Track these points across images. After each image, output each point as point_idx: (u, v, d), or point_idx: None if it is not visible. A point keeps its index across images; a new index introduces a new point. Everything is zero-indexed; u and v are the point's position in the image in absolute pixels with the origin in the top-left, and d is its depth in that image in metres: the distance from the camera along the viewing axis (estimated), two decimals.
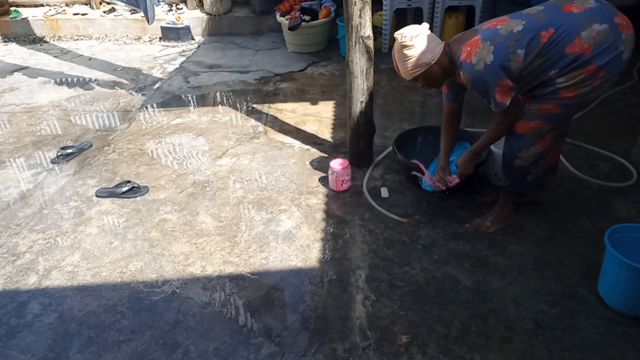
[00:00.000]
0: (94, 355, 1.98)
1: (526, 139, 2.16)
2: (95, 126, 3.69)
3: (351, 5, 2.55)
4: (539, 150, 2.18)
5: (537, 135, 2.14)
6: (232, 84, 4.25)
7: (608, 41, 1.92)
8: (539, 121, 2.10)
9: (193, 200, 2.82)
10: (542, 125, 2.11)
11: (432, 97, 3.81)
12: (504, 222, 2.46)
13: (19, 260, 2.47)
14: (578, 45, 1.92)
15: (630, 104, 3.53)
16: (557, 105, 2.04)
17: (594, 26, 1.92)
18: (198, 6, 5.58)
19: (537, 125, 2.11)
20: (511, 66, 1.99)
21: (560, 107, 2.04)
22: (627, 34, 1.94)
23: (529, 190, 2.37)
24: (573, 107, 2.06)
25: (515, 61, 1.98)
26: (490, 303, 2.09)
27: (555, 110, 2.06)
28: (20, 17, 5.58)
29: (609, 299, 2.02)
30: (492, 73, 2.00)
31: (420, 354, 1.89)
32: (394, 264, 2.31)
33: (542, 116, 2.08)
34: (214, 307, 2.15)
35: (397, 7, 4.43)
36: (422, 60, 2.12)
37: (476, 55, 2.02)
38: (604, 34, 1.91)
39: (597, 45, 1.91)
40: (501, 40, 1.99)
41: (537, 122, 2.11)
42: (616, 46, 1.93)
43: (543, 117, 2.09)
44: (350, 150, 3.01)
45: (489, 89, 2.04)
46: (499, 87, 2.02)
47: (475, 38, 2.06)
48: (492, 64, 1.99)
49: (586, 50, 1.92)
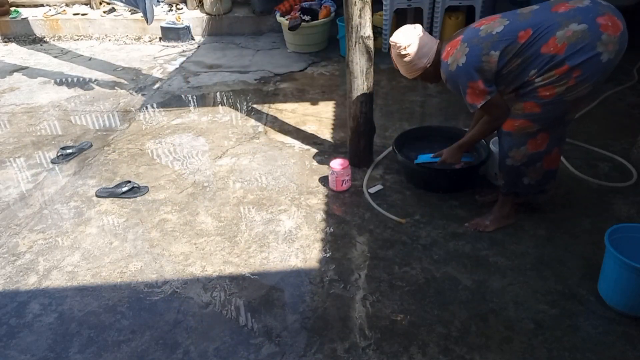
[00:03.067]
0: (94, 355, 1.98)
1: (514, 137, 2.19)
2: (95, 126, 3.69)
3: (351, 5, 2.55)
4: (531, 151, 2.19)
5: (525, 134, 2.16)
6: (232, 84, 4.25)
7: (584, 41, 1.92)
8: (523, 120, 2.13)
9: (193, 200, 2.82)
10: (527, 124, 2.13)
11: (432, 97, 3.82)
12: (504, 222, 2.46)
13: (19, 260, 2.47)
14: (552, 45, 1.95)
15: (630, 104, 3.53)
16: (536, 104, 2.07)
17: (571, 26, 1.93)
18: (198, 6, 5.58)
19: (522, 124, 2.14)
20: (484, 67, 2.07)
21: (539, 106, 2.07)
22: (610, 34, 1.91)
23: (527, 193, 2.37)
24: (552, 105, 2.06)
25: (488, 62, 2.06)
26: (490, 303, 2.09)
27: (536, 110, 2.09)
28: (20, 17, 5.59)
29: (609, 299, 2.02)
30: (463, 75, 2.11)
31: (420, 354, 1.89)
32: (394, 264, 2.31)
33: (526, 115, 2.12)
34: (214, 307, 2.15)
35: (397, 7, 4.43)
36: (418, 65, 2.28)
37: (452, 56, 2.14)
38: (579, 34, 1.92)
39: (570, 45, 1.93)
40: (477, 42, 2.08)
41: (521, 121, 2.14)
42: (592, 47, 1.91)
43: (526, 117, 2.12)
44: (350, 150, 3.01)
45: (460, 89, 2.16)
46: (470, 89, 2.12)
47: (458, 38, 2.16)
48: (463, 66, 2.09)
49: (560, 51, 1.94)
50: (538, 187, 2.34)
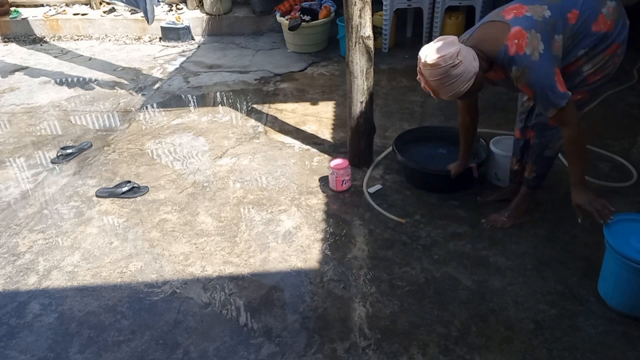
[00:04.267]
0: (94, 355, 1.98)
1: (559, 130, 2.14)
2: (95, 126, 3.69)
3: (351, 5, 2.55)
4: None
5: None
6: (232, 84, 4.25)
7: (622, 16, 1.97)
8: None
9: (193, 200, 2.82)
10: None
11: (432, 97, 3.79)
12: (522, 218, 2.47)
13: (19, 260, 2.47)
14: (602, 22, 1.93)
15: (630, 104, 3.53)
16: (587, 91, 2.08)
17: (608, 2, 1.95)
18: (198, 6, 5.58)
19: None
20: (554, 52, 1.91)
21: (589, 92, 2.09)
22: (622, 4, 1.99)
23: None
24: (600, 88, 2.10)
25: (554, 47, 1.90)
26: (490, 303, 2.09)
27: (586, 97, 2.10)
28: (20, 17, 5.58)
29: (609, 299, 2.02)
30: (549, 61, 1.88)
31: (420, 354, 1.89)
32: (394, 264, 2.31)
33: (575, 105, 2.05)
34: (214, 307, 2.15)
35: (397, 7, 4.43)
36: (472, 71, 1.93)
37: (528, 46, 1.86)
38: (618, 10, 1.96)
39: (615, 21, 1.95)
40: (543, 27, 1.87)
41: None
42: (626, 20, 1.98)
43: (576, 107, 2.06)
44: (350, 150, 3.01)
45: (549, 79, 1.88)
46: (557, 76, 1.89)
47: (515, 30, 1.88)
48: (545, 52, 1.87)
49: (610, 27, 1.94)
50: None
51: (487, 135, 2.91)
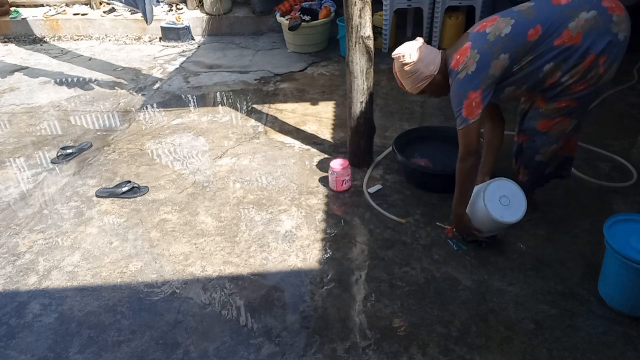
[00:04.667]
0: (94, 355, 1.98)
1: (550, 136, 2.19)
2: (95, 126, 3.69)
3: (351, 5, 2.55)
4: (561, 144, 2.25)
5: (561, 131, 2.17)
6: (232, 84, 4.25)
7: (598, 27, 1.93)
8: (560, 118, 2.13)
9: (193, 200, 2.82)
10: (564, 120, 2.14)
11: (432, 98, 3.80)
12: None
13: (19, 260, 2.47)
14: (566, 37, 1.95)
15: (630, 104, 3.53)
16: (572, 99, 2.07)
17: (582, 15, 1.94)
18: (198, 6, 5.58)
19: (559, 121, 2.14)
20: (490, 72, 2.02)
21: (576, 100, 2.07)
22: (619, 14, 1.94)
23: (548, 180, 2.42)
24: (587, 96, 2.08)
25: (495, 67, 2.02)
26: (490, 303, 2.09)
27: (573, 104, 2.09)
28: (20, 17, 5.58)
29: (609, 299, 2.02)
30: (468, 83, 2.04)
31: (420, 354, 1.89)
32: (394, 264, 2.31)
33: (562, 112, 2.11)
34: (214, 307, 2.15)
35: (397, 7, 4.43)
36: (425, 72, 2.14)
37: (463, 63, 2.05)
38: (592, 21, 1.93)
39: (586, 33, 1.93)
40: (488, 47, 2.02)
41: (558, 119, 2.14)
42: (607, 29, 1.94)
43: (562, 114, 2.11)
44: (350, 150, 3.01)
45: (460, 99, 2.07)
46: (467, 101, 2.05)
47: (466, 45, 2.07)
48: (472, 74, 2.03)
49: (576, 40, 1.94)
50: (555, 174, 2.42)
51: None
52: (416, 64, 2.13)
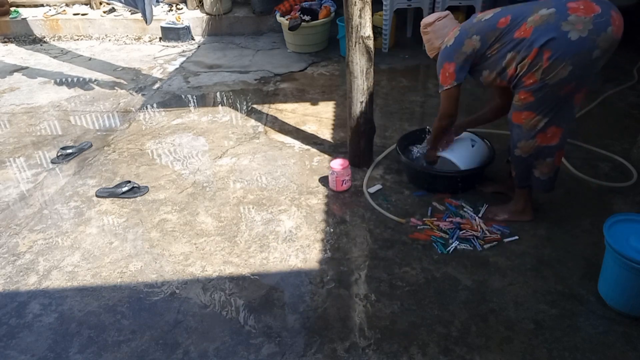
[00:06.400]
0: (94, 355, 1.98)
1: (523, 130, 2.24)
2: (95, 126, 3.69)
3: (351, 5, 2.55)
4: (539, 144, 2.23)
5: (533, 127, 2.20)
6: (232, 84, 4.25)
7: (548, 23, 2.02)
8: (526, 112, 2.19)
9: (193, 200, 2.82)
10: (531, 116, 2.18)
11: (432, 97, 3.81)
12: (516, 217, 2.48)
13: (19, 260, 2.47)
14: (523, 30, 2.09)
15: (630, 104, 3.53)
16: (527, 92, 2.15)
17: (541, 11, 2.06)
18: (198, 6, 5.58)
19: (527, 116, 2.19)
20: (462, 49, 2.25)
21: (530, 93, 2.14)
22: (579, 15, 1.97)
23: (538, 187, 2.39)
24: (540, 92, 2.11)
25: (467, 45, 2.24)
26: (490, 303, 2.09)
27: (530, 99, 2.15)
28: (20, 17, 5.59)
29: (609, 299, 2.02)
30: (445, 55, 2.33)
31: (420, 354, 1.89)
32: (394, 264, 2.31)
33: (525, 106, 2.18)
34: (214, 307, 2.15)
35: (397, 7, 4.43)
36: (435, 44, 2.43)
37: (449, 38, 2.34)
38: (545, 17, 2.04)
39: (535, 28, 2.05)
40: (468, 27, 2.28)
41: (525, 113, 2.19)
42: (556, 27, 2.01)
43: (526, 108, 2.18)
44: (350, 150, 3.01)
45: (440, 66, 2.35)
46: (442, 70, 2.33)
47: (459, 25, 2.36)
48: (449, 47, 2.30)
49: (527, 34, 2.07)
50: (550, 184, 2.37)
51: (487, 135, 2.91)
52: (429, 34, 2.44)
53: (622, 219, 1.99)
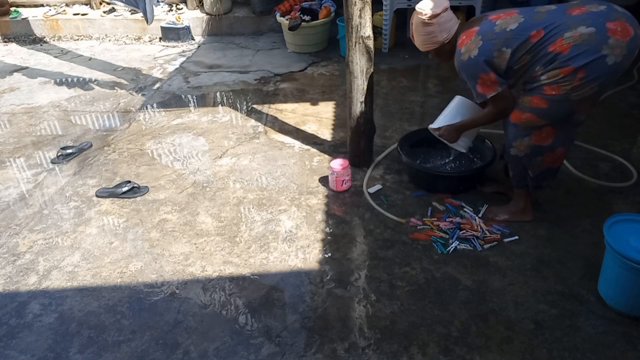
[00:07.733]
0: (94, 355, 1.98)
1: (519, 129, 2.22)
2: (95, 126, 3.69)
3: (351, 5, 2.55)
4: (534, 142, 2.22)
5: (530, 127, 2.19)
6: (232, 84, 4.25)
7: (589, 44, 1.96)
8: (530, 114, 2.16)
9: (193, 201, 2.82)
10: (533, 118, 2.16)
11: (432, 97, 3.81)
12: (517, 217, 2.48)
13: (19, 260, 2.47)
14: (558, 44, 2.01)
15: (630, 104, 3.53)
16: (543, 100, 2.10)
17: (580, 28, 1.98)
18: (198, 6, 5.58)
19: (529, 117, 2.17)
20: (495, 62, 2.13)
21: (546, 102, 2.10)
22: (618, 39, 1.94)
23: (529, 185, 2.40)
24: (558, 103, 2.08)
25: (499, 58, 2.12)
26: (490, 303, 2.09)
27: (543, 105, 2.11)
28: (20, 17, 5.58)
29: (609, 299, 2.02)
30: (474, 66, 2.16)
31: (420, 354, 1.89)
32: (394, 264, 2.31)
33: (532, 109, 2.15)
34: (214, 307, 2.15)
35: (397, 7, 4.43)
36: (438, 38, 2.29)
37: (466, 46, 2.18)
38: (586, 37, 1.96)
39: (575, 46, 1.97)
40: (491, 37, 2.12)
41: (528, 115, 2.17)
42: (597, 49, 1.95)
43: (533, 111, 2.15)
44: (350, 150, 3.01)
45: (470, 80, 2.23)
46: (480, 80, 2.18)
47: (473, 29, 2.18)
48: (475, 58, 2.15)
49: (564, 50, 1.99)
50: (536, 182, 2.37)
51: (488, 135, 2.91)
52: (434, 27, 2.26)
53: (622, 219, 1.99)
